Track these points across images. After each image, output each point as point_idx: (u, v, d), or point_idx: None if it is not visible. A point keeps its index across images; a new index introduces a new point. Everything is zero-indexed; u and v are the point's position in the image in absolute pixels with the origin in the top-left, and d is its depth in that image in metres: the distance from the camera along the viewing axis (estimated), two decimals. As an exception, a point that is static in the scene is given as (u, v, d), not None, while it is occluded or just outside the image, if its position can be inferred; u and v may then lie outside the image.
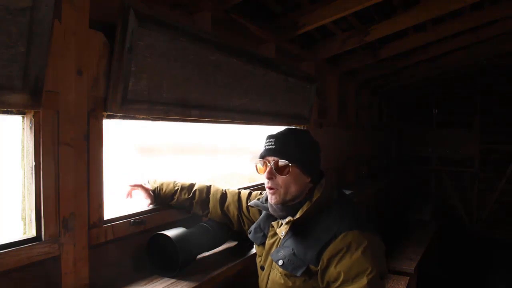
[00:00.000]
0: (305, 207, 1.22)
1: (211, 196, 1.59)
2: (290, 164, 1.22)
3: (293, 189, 1.24)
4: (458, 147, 5.88)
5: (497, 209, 5.69)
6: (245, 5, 1.95)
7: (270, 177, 1.24)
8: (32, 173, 1.06)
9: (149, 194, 1.53)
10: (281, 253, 1.23)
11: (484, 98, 5.70)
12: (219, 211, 1.58)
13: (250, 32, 2.06)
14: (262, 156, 1.28)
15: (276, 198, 1.25)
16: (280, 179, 1.24)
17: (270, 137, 1.28)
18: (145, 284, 1.30)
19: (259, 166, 1.29)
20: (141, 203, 1.52)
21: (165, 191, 1.56)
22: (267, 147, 1.27)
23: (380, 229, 1.21)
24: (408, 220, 4.92)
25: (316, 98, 2.81)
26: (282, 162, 1.23)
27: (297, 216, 1.22)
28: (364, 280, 1.06)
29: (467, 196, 5.86)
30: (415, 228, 4.50)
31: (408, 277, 3.00)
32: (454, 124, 5.94)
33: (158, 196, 1.55)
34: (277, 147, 1.24)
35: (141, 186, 1.52)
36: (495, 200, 5.69)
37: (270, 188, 1.26)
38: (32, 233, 1.07)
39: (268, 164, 1.25)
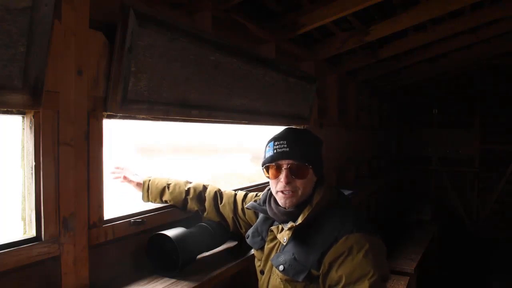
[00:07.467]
0: (306, 212, 1.19)
1: (207, 194, 1.58)
2: (310, 166, 1.20)
3: (307, 190, 1.22)
4: (458, 147, 5.87)
5: (497, 209, 5.69)
6: (245, 5, 1.95)
7: (289, 181, 1.19)
8: (32, 173, 1.06)
9: (133, 177, 1.57)
10: (282, 258, 1.20)
11: (484, 98, 5.69)
12: (215, 211, 1.57)
13: (250, 32, 2.05)
14: (274, 160, 1.22)
15: (292, 201, 1.21)
16: (298, 182, 1.20)
17: (278, 139, 1.23)
18: (145, 284, 1.30)
19: (271, 170, 1.23)
20: (122, 184, 1.57)
21: (157, 184, 1.55)
22: (279, 150, 1.20)
23: (380, 229, 1.19)
24: (408, 220, 4.92)
25: (316, 98, 2.81)
26: (300, 165, 1.19)
27: (299, 221, 1.18)
28: (365, 284, 1.03)
29: (467, 196, 5.84)
30: (415, 228, 4.49)
31: (408, 277, 3.00)
32: (454, 124, 5.93)
33: (150, 189, 1.55)
34: (292, 150, 1.19)
35: (124, 169, 1.56)
36: (495, 200, 5.68)
37: (285, 192, 1.21)
38: (32, 233, 1.07)
39: (284, 168, 1.20)
